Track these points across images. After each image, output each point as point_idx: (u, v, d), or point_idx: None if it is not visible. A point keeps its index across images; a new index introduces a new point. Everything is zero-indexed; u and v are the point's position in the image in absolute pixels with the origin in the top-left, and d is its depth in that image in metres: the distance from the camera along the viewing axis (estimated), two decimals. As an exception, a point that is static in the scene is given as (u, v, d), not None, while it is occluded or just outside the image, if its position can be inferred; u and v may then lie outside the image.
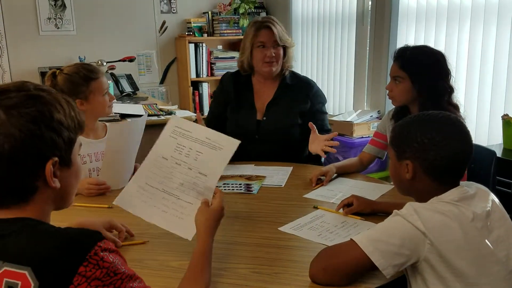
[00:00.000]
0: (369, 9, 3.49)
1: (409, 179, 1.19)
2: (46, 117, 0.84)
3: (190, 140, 1.29)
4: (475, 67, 2.73)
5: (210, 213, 1.18)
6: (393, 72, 1.82)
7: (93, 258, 0.77)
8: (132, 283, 0.82)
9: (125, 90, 3.79)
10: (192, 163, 1.27)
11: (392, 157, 1.25)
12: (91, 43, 4.17)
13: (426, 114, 1.22)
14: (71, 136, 0.88)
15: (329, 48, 3.96)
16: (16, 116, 0.81)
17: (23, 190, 0.84)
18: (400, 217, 1.09)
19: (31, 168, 0.83)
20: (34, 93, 0.85)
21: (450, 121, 1.19)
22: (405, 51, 1.81)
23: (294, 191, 1.83)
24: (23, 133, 0.81)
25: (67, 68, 1.91)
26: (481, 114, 2.72)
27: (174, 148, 1.29)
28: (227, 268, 1.21)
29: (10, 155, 0.81)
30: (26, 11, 3.97)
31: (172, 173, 1.28)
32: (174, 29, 4.54)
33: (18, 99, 0.83)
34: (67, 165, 0.89)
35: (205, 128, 1.34)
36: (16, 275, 0.76)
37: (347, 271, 1.10)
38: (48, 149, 0.84)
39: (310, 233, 1.41)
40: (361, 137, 3.30)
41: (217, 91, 2.41)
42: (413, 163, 1.17)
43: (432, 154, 1.14)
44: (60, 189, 0.88)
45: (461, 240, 1.07)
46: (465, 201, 1.12)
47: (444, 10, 2.88)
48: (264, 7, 4.72)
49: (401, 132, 1.22)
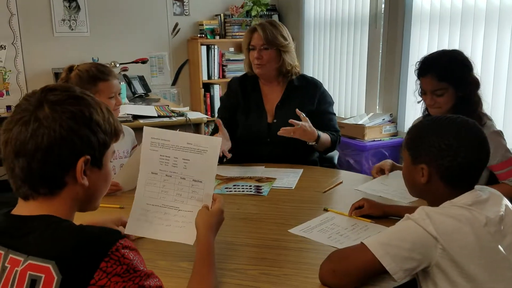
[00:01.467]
0: (382, 12, 3.47)
1: (424, 183, 1.17)
2: (86, 116, 0.88)
3: (172, 149, 1.27)
4: (490, 70, 2.70)
5: (210, 215, 1.19)
6: (430, 86, 1.76)
7: (115, 254, 0.80)
8: (149, 281, 0.84)
9: (138, 91, 3.81)
10: (183, 172, 1.25)
11: (406, 160, 1.23)
12: (104, 44, 4.21)
13: (444, 118, 1.19)
14: (106, 139, 0.92)
15: (341, 50, 3.94)
16: (59, 111, 0.86)
17: (53, 182, 0.87)
18: (412, 221, 1.08)
19: (64, 162, 0.86)
20: (78, 95, 0.91)
21: (468, 127, 1.16)
22: (435, 61, 1.78)
23: (304, 193, 1.82)
24: (63, 128, 0.85)
25: (82, 65, 1.95)
26: (495, 117, 2.67)
27: (159, 161, 1.27)
28: (236, 269, 1.21)
29: (47, 147, 0.84)
30: (41, 12, 4.03)
31: (165, 186, 1.27)
32: (186, 31, 4.56)
33: (63, 97, 0.88)
34: (98, 166, 0.92)
35: (182, 133, 1.31)
36: (40, 268, 0.79)
37: (357, 275, 1.09)
38: (82, 146, 0.87)
39: (320, 235, 1.40)
40: (373, 140, 3.28)
41: (224, 97, 2.41)
42: (428, 168, 1.15)
43: (449, 160, 1.13)
44: (88, 189, 0.91)
45: (473, 245, 1.05)
46: (478, 206, 1.10)
47: (458, 12, 2.85)
48: (276, 9, 4.72)
49: (417, 135, 1.20)
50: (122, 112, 2.82)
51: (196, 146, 1.25)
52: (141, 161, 1.29)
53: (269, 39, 2.18)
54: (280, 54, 2.21)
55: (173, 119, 2.92)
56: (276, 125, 2.24)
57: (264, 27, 2.21)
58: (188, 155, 1.25)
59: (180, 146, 1.26)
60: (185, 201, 1.25)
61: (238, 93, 2.32)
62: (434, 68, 1.76)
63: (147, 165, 1.28)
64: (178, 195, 1.26)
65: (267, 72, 2.24)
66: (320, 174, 2.06)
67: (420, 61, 1.82)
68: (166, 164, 1.26)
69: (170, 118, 2.94)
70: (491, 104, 2.68)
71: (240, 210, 1.64)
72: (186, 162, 1.25)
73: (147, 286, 0.83)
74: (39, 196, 0.88)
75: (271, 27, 2.21)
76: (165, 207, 1.27)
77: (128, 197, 1.83)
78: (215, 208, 1.21)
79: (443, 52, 1.85)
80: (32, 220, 0.85)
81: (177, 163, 1.25)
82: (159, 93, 4.44)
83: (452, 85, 1.74)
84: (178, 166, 1.25)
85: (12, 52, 3.97)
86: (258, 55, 2.19)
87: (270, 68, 2.23)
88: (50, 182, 0.87)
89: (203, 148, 1.24)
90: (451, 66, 1.76)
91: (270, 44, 2.19)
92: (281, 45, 2.20)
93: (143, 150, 1.29)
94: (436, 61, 1.78)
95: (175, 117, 2.96)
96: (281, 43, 2.20)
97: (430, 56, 1.82)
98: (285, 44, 2.22)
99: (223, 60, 4.52)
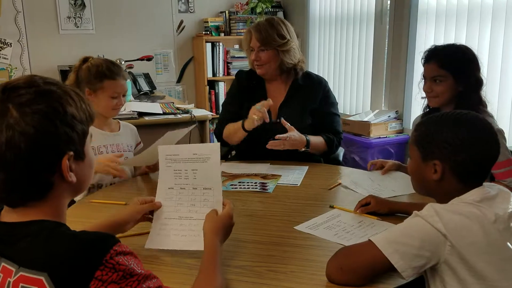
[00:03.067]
0: (388, 8, 3.45)
1: (436, 180, 1.15)
2: (60, 112, 0.83)
3: (182, 162, 1.33)
4: (496, 67, 2.67)
5: (216, 220, 1.19)
6: (431, 72, 1.79)
7: (109, 262, 0.78)
8: (148, 282, 0.82)
9: (143, 88, 3.82)
10: (194, 182, 1.31)
11: (415, 157, 1.20)
12: (109, 42, 4.22)
13: (456, 114, 1.18)
14: (84, 129, 0.88)
15: (347, 47, 3.93)
16: (30, 113, 0.80)
17: (41, 186, 0.84)
18: (420, 219, 1.07)
19: (48, 164, 0.83)
20: (44, 88, 0.84)
21: (480, 122, 1.16)
22: (440, 50, 1.79)
23: (310, 190, 1.81)
24: (38, 130, 0.80)
25: (96, 59, 1.97)
26: (502, 115, 2.67)
27: (173, 176, 1.34)
28: (243, 266, 1.21)
29: (27, 154, 0.80)
30: (47, 10, 4.04)
31: (181, 198, 1.33)
32: (191, 28, 4.56)
33: (29, 96, 0.81)
34: (81, 158, 0.89)
35: (187, 145, 1.38)
36: (33, 280, 0.76)
37: (365, 272, 1.09)
38: (64, 144, 0.84)
39: (326, 232, 1.40)
40: (378, 137, 3.26)
41: (232, 89, 2.38)
42: (442, 164, 1.13)
43: (463, 156, 1.11)
44: (76, 182, 0.88)
45: (482, 242, 1.04)
46: (487, 202, 1.10)
47: (464, 9, 2.83)
48: (281, 6, 4.71)
49: (428, 131, 1.18)
50: (127, 109, 2.82)
51: (201, 156, 1.31)
52: (159, 179, 1.36)
53: (265, 40, 2.16)
54: (278, 53, 2.20)
55: (178, 116, 2.92)
56: (279, 124, 2.23)
57: (259, 29, 2.18)
58: (195, 165, 1.32)
59: (188, 158, 1.33)
60: (199, 210, 1.29)
61: (245, 87, 2.30)
62: (438, 55, 1.78)
63: (164, 182, 1.36)
64: (192, 205, 1.31)
65: (268, 72, 2.23)
66: (325, 171, 2.05)
67: (427, 49, 1.84)
68: (179, 178, 1.33)
69: (175, 115, 2.94)
70: (497, 101, 2.68)
71: (246, 207, 1.64)
72: (195, 172, 1.31)
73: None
74: (28, 201, 0.84)
75: (267, 26, 2.18)
76: (181, 218, 1.31)
77: (133, 194, 1.84)
78: (223, 213, 1.22)
79: (451, 44, 1.87)
80: (23, 226, 0.82)
81: (188, 175, 1.32)
82: (164, 90, 4.44)
83: (452, 75, 1.75)
84: (189, 177, 1.32)
85: (18, 49, 3.98)
86: (256, 56, 2.19)
87: (270, 68, 2.22)
88: (37, 188, 0.84)
89: (207, 156, 1.30)
90: (454, 56, 1.77)
91: (266, 45, 2.17)
92: (278, 44, 2.17)
93: (161, 169, 1.37)
94: (442, 49, 1.80)
95: (180, 114, 2.96)
96: (278, 43, 2.17)
97: (437, 45, 1.83)
98: (283, 43, 2.18)
99: (228, 57, 4.52)
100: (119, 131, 2.08)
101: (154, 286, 0.83)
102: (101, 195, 1.79)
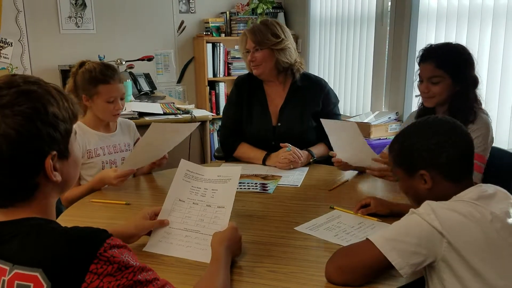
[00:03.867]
0: (389, 9, 3.46)
1: (428, 188, 1.17)
2: (41, 112, 0.82)
3: (205, 182, 1.40)
4: (497, 68, 2.68)
5: (222, 232, 1.22)
6: (427, 73, 1.78)
7: (104, 255, 0.78)
8: (144, 274, 0.82)
9: (143, 89, 3.82)
10: (210, 200, 1.36)
11: (402, 176, 1.24)
12: (110, 42, 4.22)
13: (419, 123, 1.24)
14: (67, 127, 0.88)
15: (347, 48, 3.93)
16: (10, 115, 0.79)
17: (26, 188, 0.84)
18: (417, 216, 1.08)
19: (31, 166, 0.83)
20: (25, 88, 0.83)
21: (445, 121, 1.20)
22: (436, 49, 1.79)
23: (310, 191, 1.82)
24: (19, 132, 0.79)
25: (90, 63, 1.96)
26: (502, 117, 2.67)
27: (189, 190, 1.39)
28: (243, 267, 1.21)
29: (10, 156, 0.80)
30: (47, 9, 4.04)
31: (191, 212, 1.36)
32: (192, 29, 4.57)
33: (10, 97, 0.81)
34: (65, 157, 0.89)
35: (214, 168, 1.46)
36: (28, 277, 0.76)
37: (363, 271, 1.09)
38: (46, 145, 0.84)
39: (326, 233, 1.40)
40: (379, 138, 3.26)
41: (232, 96, 2.37)
42: (429, 172, 1.16)
43: (445, 156, 1.15)
44: (62, 180, 0.88)
45: (480, 240, 1.05)
46: (483, 201, 1.10)
47: (465, 10, 2.83)
48: (282, 7, 4.71)
49: (403, 148, 1.22)
50: (128, 109, 2.82)
51: (225, 177, 1.38)
52: (171, 188, 1.40)
53: (259, 40, 2.19)
54: (273, 53, 2.21)
55: (179, 117, 2.92)
56: (280, 129, 2.23)
57: (253, 30, 2.22)
58: (217, 185, 1.38)
59: (212, 179, 1.39)
60: (207, 225, 1.33)
61: (245, 91, 2.31)
62: (434, 55, 1.77)
63: (176, 192, 1.39)
64: (201, 220, 1.34)
65: (264, 71, 2.23)
66: (325, 172, 2.05)
67: (423, 48, 1.83)
68: (196, 194, 1.39)
69: (176, 115, 2.94)
70: (498, 102, 2.68)
71: (246, 208, 1.64)
72: (215, 192, 1.37)
73: (143, 279, 0.81)
74: (15, 202, 0.85)
75: (261, 27, 2.21)
76: (186, 230, 1.33)
77: (134, 194, 1.84)
78: (228, 227, 1.25)
79: (447, 43, 1.86)
80: (12, 224, 0.82)
81: (206, 193, 1.38)
82: (165, 90, 4.45)
83: (449, 76, 1.74)
84: (207, 195, 1.37)
85: (18, 49, 3.99)
86: (251, 57, 2.21)
87: (266, 68, 2.22)
88: (22, 189, 0.84)
89: (229, 177, 1.37)
90: (451, 55, 1.77)
91: (260, 44, 2.19)
92: (272, 43, 2.19)
93: (176, 178, 1.41)
94: (438, 49, 1.79)
95: (181, 115, 2.96)
96: (272, 41, 2.19)
97: (433, 45, 1.82)
98: (277, 42, 2.19)
99: (229, 58, 4.52)
100: (115, 130, 2.07)
101: (150, 278, 0.83)
102: (101, 195, 1.79)
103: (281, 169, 2.06)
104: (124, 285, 0.79)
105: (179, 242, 1.31)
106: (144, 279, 0.82)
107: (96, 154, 1.96)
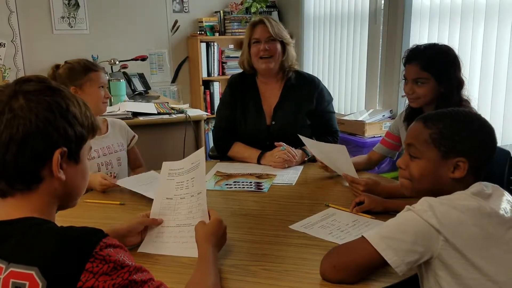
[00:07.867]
0: (382, 8, 3.47)
1: (455, 178, 1.13)
2: (62, 107, 0.86)
3: (185, 174, 1.39)
4: (489, 66, 2.69)
5: (207, 227, 1.22)
6: (412, 74, 1.77)
7: (99, 254, 0.78)
8: (139, 274, 0.82)
9: (137, 89, 3.81)
10: (192, 190, 1.36)
11: (430, 157, 1.15)
12: (104, 42, 4.21)
13: (465, 113, 1.18)
14: (83, 132, 0.90)
15: (341, 47, 3.94)
16: (35, 102, 0.84)
17: (29, 175, 0.85)
18: (412, 213, 1.07)
19: (40, 154, 0.84)
20: (54, 86, 0.89)
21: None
22: (421, 51, 1.77)
23: (304, 189, 1.82)
24: (38, 119, 0.83)
25: (69, 60, 2.02)
26: (495, 114, 2.68)
27: (174, 187, 1.39)
28: (237, 265, 1.21)
29: (22, 139, 0.82)
30: (40, 10, 4.02)
31: (180, 207, 1.36)
32: (186, 28, 4.56)
33: (38, 87, 0.86)
34: (74, 161, 0.90)
35: (187, 158, 1.43)
36: (23, 275, 0.76)
37: (358, 269, 1.09)
38: (59, 138, 0.85)
39: (320, 231, 1.40)
40: (373, 136, 3.27)
41: (226, 96, 2.33)
42: (467, 161, 1.12)
43: (483, 154, 1.14)
44: (66, 185, 0.88)
45: (478, 236, 1.04)
46: (483, 197, 1.10)
47: (458, 8, 2.85)
48: (276, 6, 4.71)
49: (449, 130, 1.14)
50: (121, 109, 2.81)
51: (195, 164, 1.37)
52: (157, 190, 1.41)
53: (276, 31, 2.17)
54: (285, 48, 2.21)
55: (173, 116, 2.91)
56: (274, 128, 2.23)
57: (269, 20, 2.20)
58: (192, 173, 1.37)
59: (188, 169, 1.38)
60: (195, 215, 1.32)
61: (238, 91, 2.30)
62: (419, 56, 1.76)
63: (163, 193, 1.40)
64: (190, 212, 1.34)
65: (274, 66, 2.21)
66: (320, 171, 2.06)
67: (408, 49, 1.82)
68: (181, 189, 1.38)
69: (170, 115, 2.93)
70: (490, 100, 2.69)
71: (241, 207, 1.64)
72: (193, 180, 1.36)
73: (138, 279, 0.81)
74: (16, 192, 0.86)
75: (276, 21, 2.24)
76: (179, 226, 1.33)
77: (129, 194, 1.83)
78: (211, 221, 1.24)
79: (433, 44, 1.83)
80: (11, 224, 0.83)
81: (188, 184, 1.37)
82: (159, 90, 4.43)
83: (434, 77, 1.74)
84: (189, 186, 1.37)
85: (11, 49, 3.96)
86: (265, 46, 2.16)
87: (277, 62, 2.20)
88: (26, 175, 0.85)
89: (198, 162, 1.36)
90: (437, 58, 1.75)
91: (277, 35, 2.18)
92: (286, 38, 2.21)
93: (160, 181, 1.42)
94: (424, 50, 1.78)
95: (175, 114, 2.95)
96: (285, 37, 2.21)
97: (419, 45, 1.81)
98: (289, 40, 2.23)
99: (223, 57, 4.52)
100: (107, 132, 2.08)
101: (146, 278, 0.83)
102: (96, 195, 1.78)
103: (275, 168, 2.06)
104: (119, 285, 0.78)
105: (174, 240, 1.30)
106: (139, 279, 0.82)
107: (91, 157, 1.96)
